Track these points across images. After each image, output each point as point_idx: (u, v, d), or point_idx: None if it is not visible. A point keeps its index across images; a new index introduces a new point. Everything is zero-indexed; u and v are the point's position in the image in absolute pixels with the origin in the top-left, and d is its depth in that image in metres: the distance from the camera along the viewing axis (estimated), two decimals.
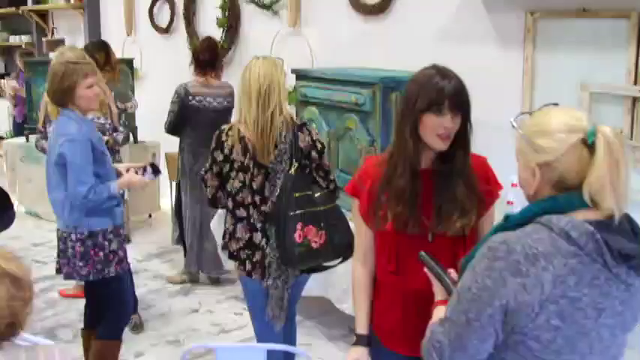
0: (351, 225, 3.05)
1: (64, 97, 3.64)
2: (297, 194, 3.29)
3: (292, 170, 3.34)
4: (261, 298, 3.52)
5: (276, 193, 3.35)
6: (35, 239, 7.08)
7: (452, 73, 2.43)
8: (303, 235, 3.27)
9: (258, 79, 3.34)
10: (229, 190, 3.45)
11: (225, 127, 3.46)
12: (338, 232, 3.35)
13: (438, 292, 2.20)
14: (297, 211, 3.27)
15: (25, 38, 10.98)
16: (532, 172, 1.89)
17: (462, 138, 2.45)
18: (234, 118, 3.62)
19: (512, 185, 3.91)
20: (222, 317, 5.26)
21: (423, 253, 2.29)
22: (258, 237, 3.45)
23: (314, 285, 4.55)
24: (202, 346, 3.53)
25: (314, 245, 3.30)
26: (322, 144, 3.52)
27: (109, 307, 3.94)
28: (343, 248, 3.34)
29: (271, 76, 3.36)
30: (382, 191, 2.51)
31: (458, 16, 4.77)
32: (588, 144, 1.79)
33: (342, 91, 4.47)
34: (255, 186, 3.39)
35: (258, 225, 3.44)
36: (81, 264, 3.73)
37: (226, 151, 3.40)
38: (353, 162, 4.43)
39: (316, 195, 3.38)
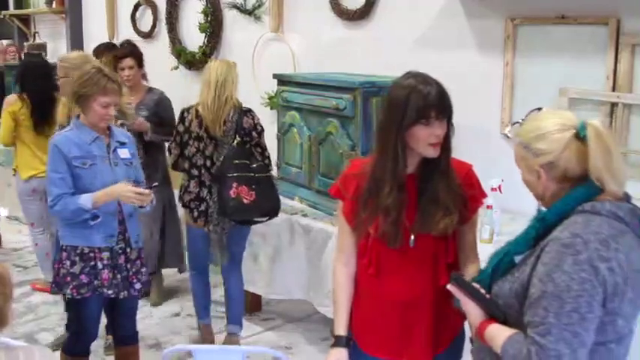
0: (335, 228, 3.13)
1: (78, 101, 3.61)
2: (236, 161, 4.23)
3: (235, 143, 4.30)
4: (200, 242, 4.51)
5: (221, 159, 4.27)
6: (15, 244, 7.05)
7: (432, 80, 2.43)
8: (236, 192, 4.18)
9: (216, 73, 4.33)
10: (186, 154, 4.41)
11: (186, 107, 4.44)
12: (266, 195, 4.28)
13: (477, 314, 2.19)
14: (234, 174, 4.20)
15: (6, 43, 10.91)
16: (537, 175, 2.06)
17: (444, 140, 2.46)
18: None
19: (492, 190, 3.94)
20: None
21: (455, 274, 2.29)
22: (204, 192, 4.40)
23: (295, 288, 4.57)
24: (181, 349, 3.52)
25: (245, 201, 4.20)
26: (262, 127, 4.46)
27: (70, 325, 3.86)
28: (270, 210, 4.34)
29: (227, 72, 4.36)
30: (365, 202, 2.52)
31: (439, 22, 4.80)
32: (581, 137, 1.98)
33: (323, 95, 4.48)
34: (207, 152, 4.36)
35: (207, 183, 4.38)
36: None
37: (187, 123, 4.38)
38: (334, 166, 4.44)
39: (253, 165, 4.29)
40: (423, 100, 2.36)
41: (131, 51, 5.43)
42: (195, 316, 4.89)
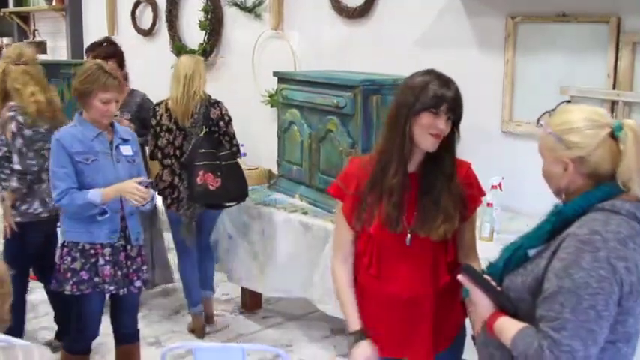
0: (333, 226, 3.13)
1: (80, 97, 3.62)
2: (202, 150, 4.52)
3: (202, 134, 4.60)
4: (177, 225, 4.83)
5: (190, 149, 4.57)
6: None
7: (452, 83, 2.46)
8: (202, 180, 4.47)
9: (185, 68, 4.65)
10: (159, 145, 4.71)
11: (157, 102, 4.77)
12: (233, 182, 4.59)
13: (487, 305, 2.17)
14: (201, 162, 4.50)
15: (6, 40, 10.91)
16: (563, 167, 2.04)
17: (449, 143, 2.48)
18: None
19: (492, 187, 3.95)
20: None
21: (467, 265, 2.28)
22: (176, 180, 4.72)
23: (295, 285, 4.56)
24: (181, 346, 3.52)
25: (211, 188, 4.49)
26: (229, 117, 4.76)
27: (69, 323, 3.85)
28: (236, 195, 4.67)
29: (195, 67, 4.67)
30: (369, 192, 2.53)
31: (439, 20, 4.80)
32: (615, 137, 1.98)
33: (324, 93, 4.47)
34: (176, 143, 4.67)
35: (177, 171, 4.70)
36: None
37: (158, 117, 4.70)
38: (334, 164, 4.43)
39: (221, 154, 4.60)
40: (437, 93, 2.40)
41: (114, 52, 5.23)
42: (186, 305, 5.01)
